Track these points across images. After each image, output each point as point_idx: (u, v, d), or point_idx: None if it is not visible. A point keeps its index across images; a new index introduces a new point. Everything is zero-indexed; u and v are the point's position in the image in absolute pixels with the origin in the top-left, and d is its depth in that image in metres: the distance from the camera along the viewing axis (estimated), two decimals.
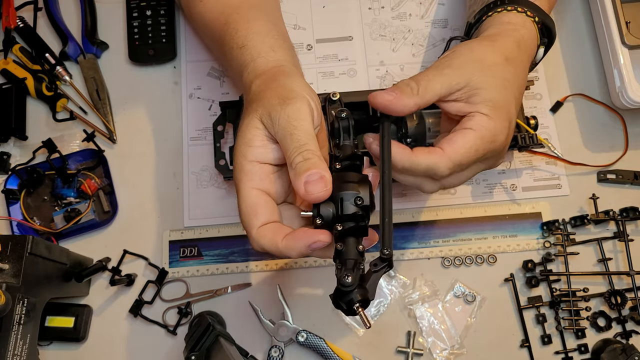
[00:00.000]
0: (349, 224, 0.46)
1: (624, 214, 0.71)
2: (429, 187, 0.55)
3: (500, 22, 0.59)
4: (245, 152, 0.49)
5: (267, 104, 0.49)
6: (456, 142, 0.51)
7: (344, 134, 0.52)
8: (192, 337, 0.62)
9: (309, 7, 0.81)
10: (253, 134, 0.49)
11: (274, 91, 0.51)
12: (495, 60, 0.55)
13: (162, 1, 0.79)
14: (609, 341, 0.67)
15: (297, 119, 0.48)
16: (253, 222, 0.48)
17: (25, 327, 0.56)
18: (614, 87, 0.72)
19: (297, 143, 0.47)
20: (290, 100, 0.49)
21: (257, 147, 0.49)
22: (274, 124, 0.49)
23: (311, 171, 0.46)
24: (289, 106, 0.48)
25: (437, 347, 0.68)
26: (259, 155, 0.49)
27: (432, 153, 0.51)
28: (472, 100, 0.53)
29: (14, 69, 0.76)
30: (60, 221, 0.71)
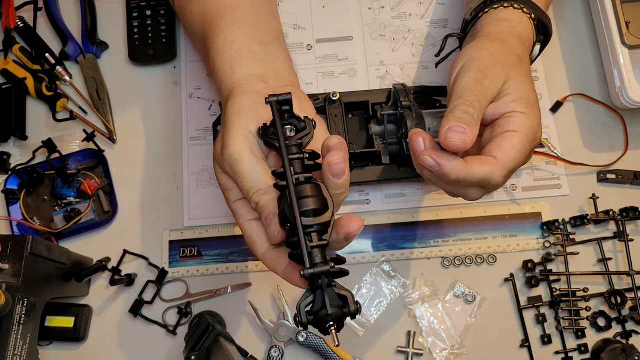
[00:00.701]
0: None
1: (624, 214, 0.71)
2: (475, 195, 0.53)
3: (497, 18, 0.59)
4: (227, 196, 0.52)
5: (215, 152, 0.52)
6: (505, 147, 0.50)
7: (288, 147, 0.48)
8: (192, 337, 0.62)
9: (309, 7, 0.81)
10: (222, 179, 0.52)
11: (221, 132, 0.52)
12: (512, 60, 0.54)
13: (162, 1, 0.79)
14: (609, 341, 0.67)
15: (235, 164, 0.49)
16: (255, 249, 0.50)
17: (25, 327, 0.56)
18: (614, 87, 0.72)
19: (244, 190, 0.49)
20: (226, 144, 0.50)
21: (231, 189, 0.52)
22: (226, 172, 0.51)
23: (264, 215, 0.47)
24: (226, 154, 0.50)
25: (437, 347, 0.68)
26: (237, 194, 0.51)
27: (486, 163, 0.49)
28: (504, 101, 0.52)
29: (14, 69, 0.76)
30: (60, 221, 0.71)
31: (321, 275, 0.42)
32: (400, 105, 0.66)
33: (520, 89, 0.52)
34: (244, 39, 0.58)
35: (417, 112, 0.65)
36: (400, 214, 0.73)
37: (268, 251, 0.49)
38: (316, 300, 0.43)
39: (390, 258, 0.72)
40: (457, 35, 0.65)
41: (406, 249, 0.72)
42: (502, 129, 0.51)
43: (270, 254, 0.49)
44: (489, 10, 0.60)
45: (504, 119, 0.52)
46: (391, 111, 0.68)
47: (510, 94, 0.52)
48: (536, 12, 0.60)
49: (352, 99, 0.70)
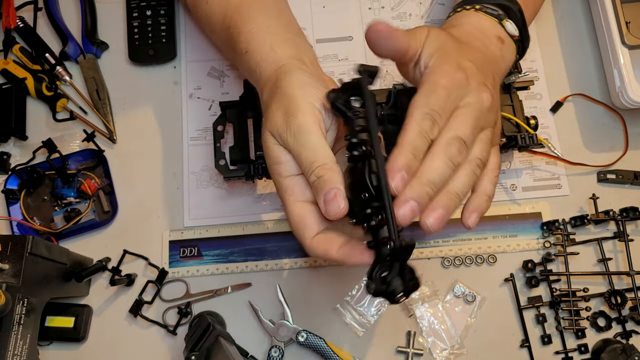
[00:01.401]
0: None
1: (624, 214, 0.71)
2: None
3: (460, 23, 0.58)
4: (278, 171, 0.50)
5: (274, 122, 0.49)
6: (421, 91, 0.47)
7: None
8: (192, 337, 0.62)
9: (309, 7, 0.81)
10: (275, 151, 0.50)
11: (279, 103, 0.50)
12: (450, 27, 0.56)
13: (162, 1, 0.79)
14: (609, 341, 0.67)
15: (303, 135, 0.48)
16: (304, 234, 0.49)
17: (25, 327, 0.56)
18: (614, 87, 0.72)
19: (306, 163, 0.47)
20: (293, 114, 0.48)
21: (285, 162, 0.49)
22: (284, 143, 0.49)
23: (325, 190, 0.46)
24: (293, 124, 0.48)
25: (437, 347, 0.68)
26: (291, 169, 0.49)
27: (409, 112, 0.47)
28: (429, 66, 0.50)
29: (14, 69, 0.76)
30: (60, 221, 0.71)
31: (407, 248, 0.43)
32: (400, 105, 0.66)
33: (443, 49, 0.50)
34: (278, 25, 0.59)
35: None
36: None
37: (320, 234, 0.48)
38: (392, 272, 0.44)
39: None
40: None
41: None
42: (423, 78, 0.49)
43: (322, 237, 0.48)
44: (461, 10, 0.59)
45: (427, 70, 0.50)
46: (391, 111, 0.68)
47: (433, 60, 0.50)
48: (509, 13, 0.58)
49: None
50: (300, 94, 0.50)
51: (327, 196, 0.46)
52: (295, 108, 0.49)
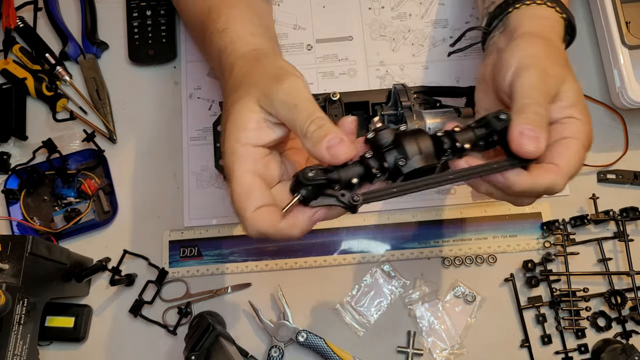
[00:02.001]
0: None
1: (624, 214, 0.71)
2: (529, 202, 0.53)
3: (535, 16, 0.57)
4: (238, 136, 0.48)
5: (259, 84, 0.49)
6: (566, 155, 0.49)
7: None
8: (192, 337, 0.62)
9: (309, 7, 0.81)
10: (247, 117, 0.48)
11: (262, 71, 0.50)
12: (563, 61, 0.53)
13: (162, 1, 0.79)
14: (609, 341, 0.67)
15: (297, 91, 0.47)
16: (247, 204, 0.46)
17: (25, 327, 0.56)
18: (614, 87, 0.72)
19: (305, 112, 0.46)
20: (284, 77, 0.48)
21: (251, 130, 0.48)
22: (272, 102, 0.48)
23: (329, 136, 0.45)
24: (284, 82, 0.48)
25: (437, 347, 0.68)
26: (252, 139, 0.48)
27: (550, 172, 0.48)
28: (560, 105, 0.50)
29: (14, 69, 0.76)
30: (60, 221, 0.71)
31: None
32: (400, 105, 0.66)
33: (576, 93, 0.51)
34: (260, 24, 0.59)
35: (417, 112, 0.65)
36: (401, 214, 0.73)
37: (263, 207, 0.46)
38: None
39: (390, 258, 0.72)
40: (482, 29, 0.63)
41: (406, 249, 0.72)
42: (559, 135, 0.50)
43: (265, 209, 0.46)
44: (520, 5, 0.58)
45: (560, 124, 0.50)
46: (391, 111, 0.68)
47: (567, 98, 0.50)
48: (566, 12, 0.59)
49: (352, 99, 0.70)
50: (287, 65, 0.51)
51: (331, 142, 0.45)
52: (285, 73, 0.49)
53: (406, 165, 0.46)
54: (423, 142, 0.46)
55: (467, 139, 0.48)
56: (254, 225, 0.46)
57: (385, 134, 0.46)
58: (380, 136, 0.46)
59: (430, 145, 0.46)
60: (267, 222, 0.46)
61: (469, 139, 0.48)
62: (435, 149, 0.47)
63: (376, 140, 0.46)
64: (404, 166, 0.46)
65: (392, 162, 0.46)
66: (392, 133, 0.46)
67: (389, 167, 0.46)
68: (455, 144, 0.47)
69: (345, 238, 0.72)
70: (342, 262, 0.72)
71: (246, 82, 0.51)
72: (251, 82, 0.50)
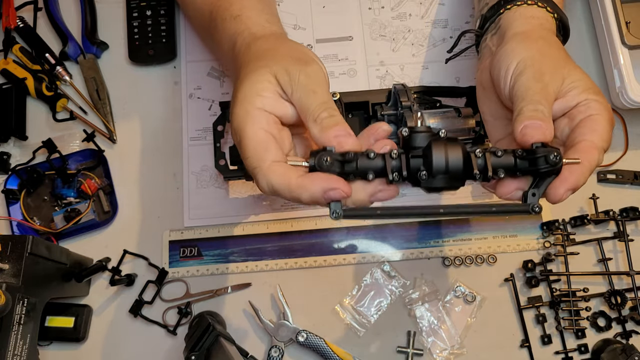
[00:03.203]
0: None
1: (624, 214, 0.71)
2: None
3: (525, 16, 0.58)
4: (253, 100, 0.47)
5: (283, 61, 0.49)
6: (597, 129, 0.48)
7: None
8: (192, 337, 0.62)
9: (309, 7, 0.81)
10: (265, 86, 0.48)
11: (286, 51, 0.50)
12: (562, 54, 0.54)
13: (162, 1, 0.79)
14: (609, 341, 0.67)
15: (319, 78, 0.48)
16: (265, 156, 0.45)
17: (25, 327, 0.56)
18: (614, 87, 0.72)
19: (321, 99, 0.47)
20: (309, 61, 0.49)
21: (267, 97, 0.48)
22: (292, 81, 0.47)
23: (340, 126, 0.45)
24: (309, 67, 0.48)
25: (437, 347, 0.68)
26: (268, 106, 0.48)
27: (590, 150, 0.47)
28: (572, 94, 0.51)
29: (14, 69, 0.76)
30: (60, 221, 0.71)
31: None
32: (400, 105, 0.66)
33: (584, 80, 0.51)
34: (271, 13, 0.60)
35: (417, 112, 0.65)
36: None
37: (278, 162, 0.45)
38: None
39: (390, 258, 0.72)
40: (475, 32, 0.63)
41: (406, 249, 0.72)
42: (583, 115, 0.50)
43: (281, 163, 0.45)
44: (511, 6, 0.59)
45: (581, 107, 0.50)
46: (391, 111, 0.68)
47: (577, 87, 0.51)
48: (558, 11, 0.59)
49: (352, 99, 0.70)
50: (311, 52, 0.51)
51: (339, 132, 0.45)
52: (310, 59, 0.49)
53: (426, 181, 0.44)
54: (453, 160, 0.43)
55: (505, 166, 0.45)
56: (269, 177, 0.45)
57: (419, 137, 0.44)
58: (414, 138, 0.44)
59: (460, 165, 0.43)
60: (282, 176, 0.45)
61: (508, 166, 0.45)
62: (463, 171, 0.44)
63: (409, 140, 0.45)
64: (424, 180, 0.44)
65: (414, 171, 0.44)
66: (427, 139, 0.44)
67: (409, 175, 0.44)
68: (487, 171, 0.44)
69: (345, 238, 0.72)
70: (342, 262, 0.72)
71: (268, 56, 0.50)
72: (274, 57, 0.50)
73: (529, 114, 0.47)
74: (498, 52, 0.55)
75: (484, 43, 0.61)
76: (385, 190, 0.46)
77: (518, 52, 0.53)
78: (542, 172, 0.44)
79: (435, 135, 0.45)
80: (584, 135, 0.49)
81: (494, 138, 0.58)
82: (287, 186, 0.44)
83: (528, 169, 0.45)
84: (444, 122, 0.66)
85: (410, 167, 0.44)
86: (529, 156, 0.45)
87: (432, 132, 0.45)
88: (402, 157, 0.44)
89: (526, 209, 0.44)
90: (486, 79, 0.57)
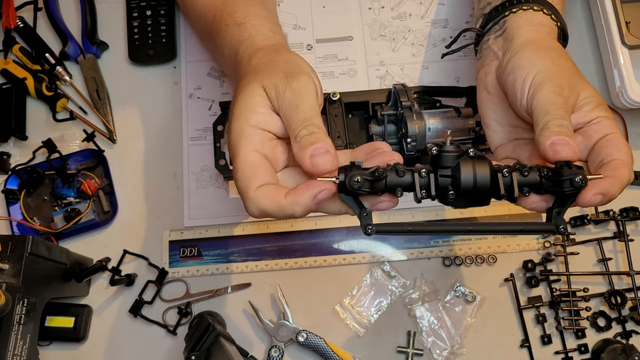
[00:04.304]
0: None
1: (624, 214, 0.71)
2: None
3: (532, 22, 0.58)
4: (248, 117, 0.48)
5: (272, 76, 0.49)
6: (620, 147, 0.50)
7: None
8: (192, 337, 0.62)
9: (309, 7, 0.81)
10: (258, 100, 0.49)
11: (279, 65, 0.51)
12: (574, 68, 0.54)
13: (162, 1, 0.79)
14: (609, 341, 0.67)
15: (303, 93, 0.48)
16: (252, 182, 0.46)
17: (25, 327, 0.56)
18: (614, 87, 0.72)
19: (302, 116, 0.47)
20: (296, 75, 0.49)
21: (260, 113, 0.49)
22: (278, 96, 0.49)
23: (317, 145, 0.45)
24: (294, 80, 0.49)
25: (437, 347, 0.68)
26: (262, 122, 0.49)
27: (622, 167, 0.49)
28: (585, 110, 0.51)
29: (14, 69, 0.76)
30: (60, 221, 0.71)
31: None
32: (400, 105, 0.66)
33: (595, 96, 0.52)
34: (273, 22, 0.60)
35: (417, 112, 0.65)
36: (400, 213, 0.73)
37: (266, 185, 0.46)
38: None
39: (390, 258, 0.72)
40: (477, 30, 0.63)
41: (406, 249, 0.72)
42: (600, 134, 0.51)
43: (269, 187, 0.46)
44: (517, 10, 0.59)
45: (594, 125, 0.51)
46: (391, 111, 0.68)
47: (589, 103, 0.51)
48: (560, 19, 0.59)
49: (352, 99, 0.70)
50: (304, 64, 0.52)
51: (316, 150, 0.45)
52: (299, 72, 0.50)
53: (454, 200, 0.45)
54: (481, 179, 0.44)
55: (531, 184, 0.46)
56: (256, 202, 0.46)
57: (448, 157, 0.45)
58: (443, 158, 0.45)
59: (486, 185, 0.44)
60: (270, 199, 0.46)
61: (533, 185, 0.46)
62: (490, 188, 0.45)
63: (438, 159, 0.45)
64: (452, 199, 0.45)
65: (442, 190, 0.45)
66: (456, 159, 0.45)
67: (437, 194, 0.45)
68: (513, 191, 0.45)
69: (345, 238, 0.72)
70: (342, 262, 0.72)
71: (263, 69, 0.51)
72: (268, 71, 0.51)
73: (555, 129, 0.48)
74: (510, 60, 0.55)
75: (486, 43, 0.61)
76: (387, 202, 0.46)
77: (533, 62, 0.53)
78: (567, 194, 0.45)
79: (464, 154, 0.45)
80: (612, 155, 0.50)
81: (495, 143, 0.58)
82: (279, 206, 0.45)
83: (553, 189, 0.46)
84: (444, 122, 0.67)
85: (439, 186, 0.45)
86: (555, 177, 0.46)
87: (461, 151, 0.45)
88: (431, 175, 0.45)
89: (551, 229, 0.46)
90: (492, 84, 0.57)
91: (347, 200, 0.45)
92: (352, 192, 0.44)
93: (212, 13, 0.62)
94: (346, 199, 0.45)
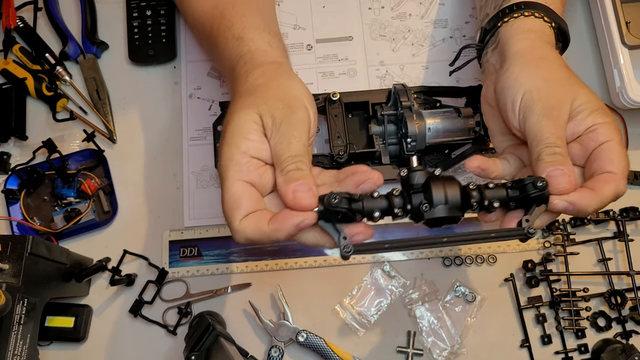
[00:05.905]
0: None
1: (624, 214, 0.71)
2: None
3: (522, 30, 0.58)
4: (239, 143, 0.49)
5: (270, 104, 0.50)
6: (614, 158, 0.50)
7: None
8: (192, 337, 0.62)
9: (309, 7, 0.81)
10: (251, 127, 0.49)
11: (277, 92, 0.51)
12: (564, 75, 0.54)
13: (162, 1, 0.79)
14: (609, 341, 0.67)
15: (298, 130, 0.49)
16: (235, 214, 0.47)
17: (25, 327, 0.56)
18: (614, 87, 0.72)
19: (293, 152, 0.48)
20: (294, 109, 0.50)
21: (252, 140, 0.49)
22: (274, 126, 0.49)
23: (302, 181, 0.47)
24: (293, 115, 0.49)
25: (437, 347, 0.68)
26: (253, 149, 0.49)
27: (609, 181, 0.49)
28: (580, 118, 0.51)
29: (14, 69, 0.76)
30: (60, 221, 0.71)
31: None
32: (400, 105, 0.66)
33: (590, 102, 0.52)
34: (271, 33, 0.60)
35: (417, 112, 0.65)
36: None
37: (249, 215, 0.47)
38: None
39: (390, 258, 0.72)
40: (475, 46, 0.64)
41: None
42: (596, 143, 0.51)
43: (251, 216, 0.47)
44: (508, 19, 0.59)
45: (590, 133, 0.51)
46: (391, 111, 0.68)
47: (585, 109, 0.51)
48: (555, 19, 0.59)
49: (352, 99, 0.70)
50: (303, 92, 0.52)
51: (300, 187, 0.46)
52: (297, 106, 0.50)
53: (429, 212, 0.47)
54: (451, 192, 0.47)
55: (498, 197, 0.48)
56: (241, 232, 0.47)
57: (417, 175, 0.47)
58: (412, 176, 0.48)
59: (457, 196, 0.47)
60: (254, 229, 0.47)
61: (500, 197, 0.48)
62: (462, 201, 0.47)
63: (407, 179, 0.48)
64: (427, 211, 0.47)
65: (416, 205, 0.47)
66: (425, 176, 0.47)
67: (412, 209, 0.47)
68: (483, 201, 0.48)
69: None
70: (342, 262, 0.71)
71: (259, 93, 0.52)
72: (262, 97, 0.51)
73: (548, 159, 0.49)
74: (501, 77, 0.55)
75: (485, 57, 0.61)
76: (362, 234, 0.47)
77: (521, 82, 0.53)
78: (532, 197, 0.48)
79: (431, 173, 0.48)
80: (603, 168, 0.50)
81: (501, 149, 0.59)
82: (262, 234, 0.47)
83: (519, 197, 0.48)
84: (443, 122, 0.67)
85: (412, 202, 0.47)
86: (518, 185, 0.48)
87: (428, 170, 0.48)
88: (404, 194, 0.48)
89: (522, 233, 0.48)
90: (491, 97, 0.58)
91: (326, 227, 0.47)
92: (331, 212, 0.45)
93: (209, 24, 0.62)
94: (326, 225, 0.47)
